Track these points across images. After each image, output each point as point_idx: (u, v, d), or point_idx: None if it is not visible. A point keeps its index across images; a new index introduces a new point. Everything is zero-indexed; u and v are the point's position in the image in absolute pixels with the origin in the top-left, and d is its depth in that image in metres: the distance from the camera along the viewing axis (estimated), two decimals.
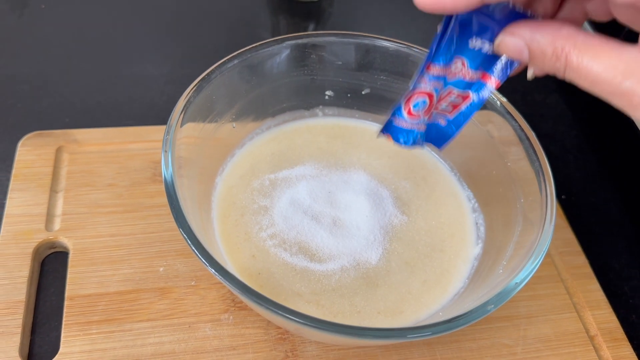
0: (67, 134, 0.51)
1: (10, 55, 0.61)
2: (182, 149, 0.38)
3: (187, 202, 0.36)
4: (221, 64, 0.43)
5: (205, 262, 0.32)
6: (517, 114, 0.42)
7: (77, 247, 0.44)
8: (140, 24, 0.68)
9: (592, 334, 0.44)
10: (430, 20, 0.74)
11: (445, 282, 0.41)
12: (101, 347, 0.39)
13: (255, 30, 0.69)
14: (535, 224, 0.37)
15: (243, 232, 0.42)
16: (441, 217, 0.45)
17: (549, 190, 0.38)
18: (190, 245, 0.33)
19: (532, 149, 0.41)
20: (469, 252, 0.43)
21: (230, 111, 0.45)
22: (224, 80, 0.43)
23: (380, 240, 0.42)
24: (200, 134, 0.42)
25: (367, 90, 0.49)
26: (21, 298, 0.41)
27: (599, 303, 0.46)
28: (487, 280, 0.37)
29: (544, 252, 0.35)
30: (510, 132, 0.42)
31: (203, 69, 0.43)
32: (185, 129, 0.39)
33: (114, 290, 0.42)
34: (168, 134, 0.37)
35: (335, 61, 0.48)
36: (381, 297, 0.39)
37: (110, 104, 0.57)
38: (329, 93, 0.50)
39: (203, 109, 0.42)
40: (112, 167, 0.49)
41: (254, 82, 0.46)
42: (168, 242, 0.45)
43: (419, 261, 0.42)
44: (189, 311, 0.42)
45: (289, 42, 0.45)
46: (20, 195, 0.46)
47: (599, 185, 0.58)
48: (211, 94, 0.42)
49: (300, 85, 0.48)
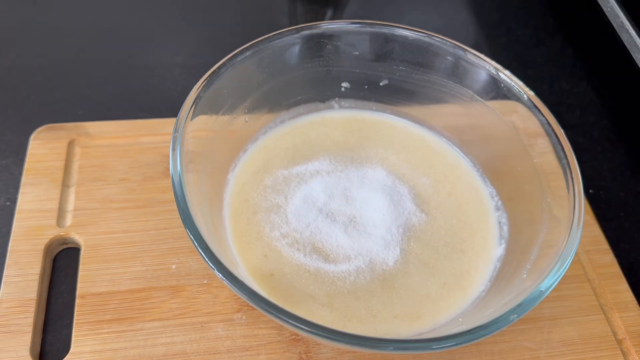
0: (79, 127, 0.50)
1: (23, 47, 0.60)
2: (193, 143, 0.37)
3: (196, 199, 0.35)
4: (233, 56, 0.41)
5: (212, 266, 0.31)
6: (543, 105, 0.40)
7: (89, 243, 0.43)
8: (153, 13, 0.66)
9: (620, 337, 0.42)
10: (452, 5, 0.71)
11: (465, 285, 0.39)
12: (112, 347, 0.38)
13: (272, 17, 0.68)
14: (562, 224, 0.36)
15: (255, 231, 0.41)
16: (462, 216, 0.43)
17: (577, 189, 0.36)
18: (197, 248, 0.31)
19: (559, 144, 0.39)
20: (491, 253, 0.41)
21: (243, 104, 0.44)
22: (237, 72, 0.41)
23: (397, 239, 0.40)
24: (213, 127, 0.41)
25: (385, 82, 0.47)
26: (33, 296, 0.40)
27: (628, 305, 0.44)
28: (511, 284, 0.35)
29: (571, 256, 0.33)
30: (536, 124, 0.40)
31: (218, 58, 0.41)
32: (197, 122, 0.38)
33: (126, 289, 0.41)
34: (177, 131, 0.36)
35: (351, 51, 0.46)
36: (398, 300, 0.38)
37: (124, 95, 0.56)
38: (345, 85, 0.48)
39: (215, 102, 0.40)
40: (125, 161, 0.48)
41: (268, 74, 0.44)
42: (181, 238, 0.44)
43: (438, 262, 0.40)
44: (201, 310, 0.41)
45: (303, 33, 0.44)
46: (32, 190, 0.46)
47: (629, 179, 0.55)
48: (222, 87, 0.41)
49: (315, 77, 0.47)
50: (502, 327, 0.30)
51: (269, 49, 0.43)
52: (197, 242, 0.31)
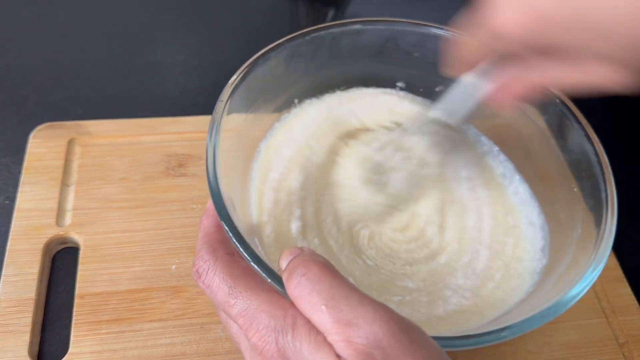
0: (78, 126, 0.50)
1: (23, 46, 0.60)
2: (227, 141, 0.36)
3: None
4: (282, 43, 0.41)
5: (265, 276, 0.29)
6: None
7: (88, 243, 0.43)
8: (154, 12, 0.66)
9: (621, 341, 0.42)
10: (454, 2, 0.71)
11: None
12: (111, 348, 0.38)
13: (273, 16, 0.67)
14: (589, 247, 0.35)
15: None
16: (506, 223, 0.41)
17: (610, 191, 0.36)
18: (248, 260, 0.30)
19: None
20: (534, 264, 0.39)
21: (292, 90, 0.44)
22: (278, 64, 0.41)
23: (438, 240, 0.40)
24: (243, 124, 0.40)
25: (441, 88, 0.45)
26: (31, 295, 0.40)
27: (630, 308, 0.44)
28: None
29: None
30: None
31: (219, 57, 0.41)
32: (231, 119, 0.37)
33: (125, 289, 0.41)
34: (211, 136, 0.35)
35: (412, 52, 0.44)
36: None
37: (124, 94, 0.56)
38: (400, 84, 0.47)
39: (253, 94, 0.40)
40: (125, 160, 0.48)
41: (326, 61, 0.44)
42: (181, 238, 0.44)
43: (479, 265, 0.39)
44: (201, 311, 0.40)
45: (367, 26, 0.43)
46: (31, 189, 0.45)
47: (631, 182, 0.55)
48: (262, 79, 0.40)
49: (371, 72, 0.46)
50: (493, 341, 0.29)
51: (337, 36, 0.42)
52: (250, 257, 0.30)
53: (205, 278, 0.30)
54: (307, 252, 0.28)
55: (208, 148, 0.34)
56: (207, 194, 0.44)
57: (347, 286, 0.25)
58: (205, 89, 0.57)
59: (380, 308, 0.24)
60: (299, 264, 0.26)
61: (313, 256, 0.27)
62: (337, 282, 0.25)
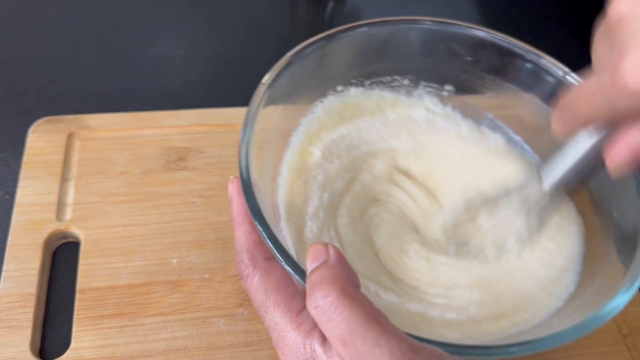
0: (78, 120, 0.49)
1: (23, 40, 0.59)
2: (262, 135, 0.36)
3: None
4: (329, 36, 0.40)
5: (296, 276, 0.30)
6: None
7: (89, 237, 0.43)
8: (153, 5, 0.66)
9: (624, 332, 0.42)
10: None
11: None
12: (112, 342, 0.38)
13: (272, 10, 0.67)
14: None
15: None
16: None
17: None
18: (278, 258, 0.30)
19: None
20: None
21: (342, 79, 0.43)
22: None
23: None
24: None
25: (491, 94, 0.44)
26: (32, 290, 0.40)
27: (633, 299, 0.43)
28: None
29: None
30: None
31: (218, 50, 0.41)
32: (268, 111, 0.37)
33: (126, 283, 0.41)
34: (244, 135, 0.34)
35: (464, 55, 0.43)
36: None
37: (123, 88, 0.56)
38: (448, 87, 0.45)
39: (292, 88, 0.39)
40: (125, 154, 0.48)
41: (376, 56, 0.43)
42: (181, 232, 0.44)
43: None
44: (203, 305, 0.40)
45: (422, 25, 0.42)
46: (31, 184, 0.45)
47: None
48: (302, 73, 0.40)
49: (422, 71, 0.45)
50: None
51: (394, 32, 0.42)
52: (281, 255, 0.30)
53: (246, 283, 0.32)
54: (331, 262, 0.27)
55: (241, 148, 0.34)
56: (208, 187, 0.44)
57: (365, 321, 0.25)
58: (205, 81, 0.57)
59: (398, 350, 0.24)
60: (319, 285, 0.26)
61: (335, 271, 0.27)
62: (355, 315, 0.25)
